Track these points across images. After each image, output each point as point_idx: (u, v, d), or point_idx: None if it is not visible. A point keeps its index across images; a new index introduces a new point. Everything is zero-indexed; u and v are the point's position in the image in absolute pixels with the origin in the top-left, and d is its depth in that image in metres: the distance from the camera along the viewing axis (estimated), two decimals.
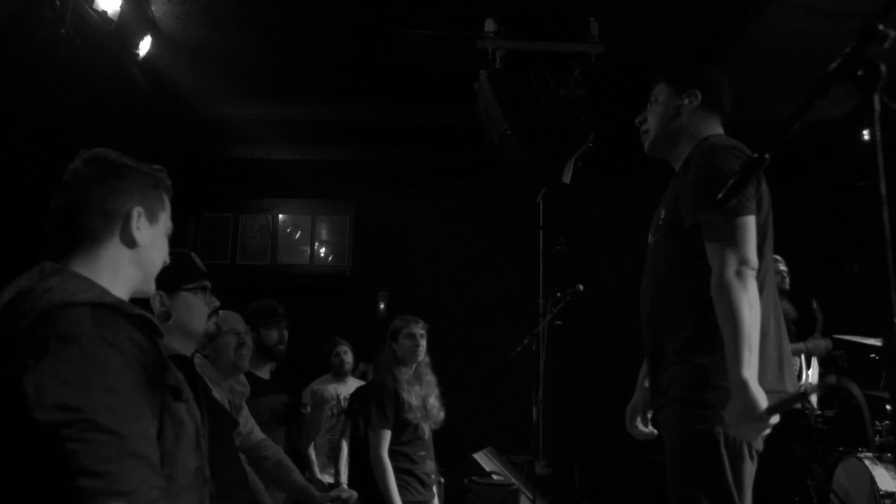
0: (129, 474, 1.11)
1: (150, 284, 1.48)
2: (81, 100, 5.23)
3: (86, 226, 1.35)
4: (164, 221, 1.49)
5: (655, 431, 2.40)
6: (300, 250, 7.94)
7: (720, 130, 2.36)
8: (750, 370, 1.86)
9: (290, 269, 7.82)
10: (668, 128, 2.37)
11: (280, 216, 7.95)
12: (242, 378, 2.59)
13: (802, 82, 5.62)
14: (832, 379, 1.93)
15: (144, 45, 5.00)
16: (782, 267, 4.70)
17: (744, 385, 1.84)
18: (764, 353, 1.98)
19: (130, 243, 1.40)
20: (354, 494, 2.37)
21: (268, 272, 7.74)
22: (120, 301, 1.30)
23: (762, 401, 1.82)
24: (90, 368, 1.14)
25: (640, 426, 2.42)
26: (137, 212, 1.40)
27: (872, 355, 5.01)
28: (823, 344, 4.69)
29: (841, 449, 4.59)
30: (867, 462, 4.27)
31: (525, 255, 6.78)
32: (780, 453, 4.54)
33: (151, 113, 6.00)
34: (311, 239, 7.95)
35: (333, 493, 2.39)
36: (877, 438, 4.54)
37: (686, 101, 2.34)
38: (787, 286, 4.71)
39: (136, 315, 1.28)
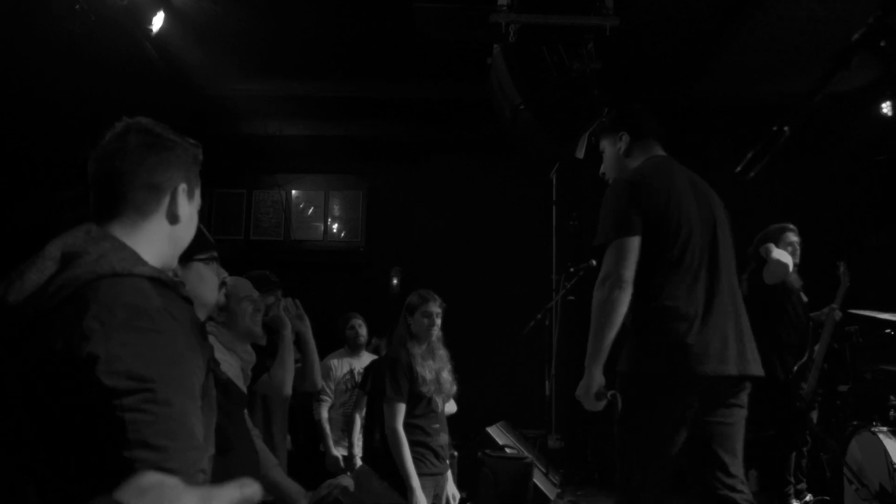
0: (184, 453, 1.10)
1: (175, 261, 1.47)
2: (95, 76, 5.24)
3: (132, 196, 1.34)
4: (198, 198, 1.50)
5: None
6: (313, 226, 7.96)
7: (657, 150, 2.86)
8: (592, 360, 2.54)
9: (303, 244, 7.84)
10: (616, 168, 2.91)
11: (293, 192, 7.97)
12: (248, 347, 2.59)
13: (824, 54, 5.55)
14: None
15: (157, 21, 4.98)
16: (794, 238, 4.68)
17: (587, 370, 2.56)
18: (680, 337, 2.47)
19: (173, 219, 1.39)
20: (343, 485, 2.33)
21: (281, 248, 7.77)
22: (173, 279, 1.30)
23: (595, 386, 2.53)
24: (159, 341, 1.14)
25: None
26: (183, 188, 1.40)
27: (888, 330, 4.99)
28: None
29: (855, 423, 4.59)
30: (881, 436, 4.27)
31: (538, 230, 6.77)
32: (793, 427, 4.57)
33: (164, 89, 6.00)
34: (324, 215, 7.97)
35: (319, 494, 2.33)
36: (892, 413, 4.54)
37: (620, 143, 2.88)
38: (796, 258, 4.69)
39: (184, 296, 1.28)
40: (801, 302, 4.72)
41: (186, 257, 1.87)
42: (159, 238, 1.37)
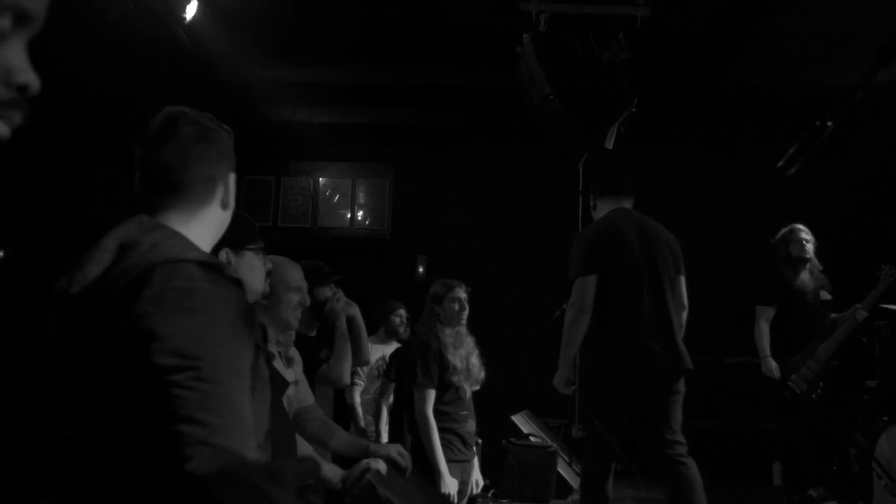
0: (230, 430, 1.12)
1: (213, 244, 1.52)
2: (129, 61, 5.30)
3: (189, 188, 1.40)
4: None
5: None
6: (340, 213, 8.00)
7: (619, 203, 3.86)
8: (563, 362, 3.73)
9: (330, 232, 7.89)
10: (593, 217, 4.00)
11: (321, 179, 8.01)
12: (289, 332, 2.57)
13: (860, 45, 5.45)
14: None
15: (191, 8, 5.02)
16: (804, 235, 4.77)
17: (560, 367, 3.74)
18: (605, 339, 3.59)
19: (225, 206, 1.47)
20: (409, 462, 2.38)
21: (308, 235, 7.83)
22: (222, 263, 1.36)
23: (565, 378, 3.77)
24: (207, 322, 1.18)
25: None
26: (233, 177, 1.49)
27: None
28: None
29: (885, 418, 4.55)
30: None
31: (564, 220, 6.75)
32: (792, 418, 4.62)
33: (194, 75, 6.04)
34: (350, 202, 8.00)
35: (391, 452, 2.38)
36: None
37: (592, 200, 4.03)
38: (808, 254, 4.78)
39: (234, 278, 1.32)
40: (818, 301, 4.75)
41: (240, 246, 1.91)
42: (213, 225, 1.46)
